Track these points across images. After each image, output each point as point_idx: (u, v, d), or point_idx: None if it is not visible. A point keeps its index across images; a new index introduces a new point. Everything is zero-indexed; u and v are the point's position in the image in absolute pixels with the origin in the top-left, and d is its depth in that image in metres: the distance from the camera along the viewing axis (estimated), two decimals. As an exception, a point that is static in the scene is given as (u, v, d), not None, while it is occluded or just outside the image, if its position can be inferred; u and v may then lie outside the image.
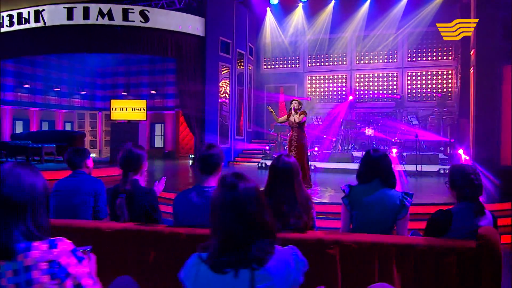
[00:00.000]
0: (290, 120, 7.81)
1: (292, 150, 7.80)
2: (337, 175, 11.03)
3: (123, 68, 19.46)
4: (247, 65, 16.11)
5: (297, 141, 7.76)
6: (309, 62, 16.97)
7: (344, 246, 2.55)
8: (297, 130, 7.78)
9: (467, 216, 2.62)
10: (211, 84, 13.69)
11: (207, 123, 13.56)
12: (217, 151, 2.96)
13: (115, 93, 19.47)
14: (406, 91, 15.62)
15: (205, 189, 2.86)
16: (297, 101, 7.91)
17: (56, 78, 17.15)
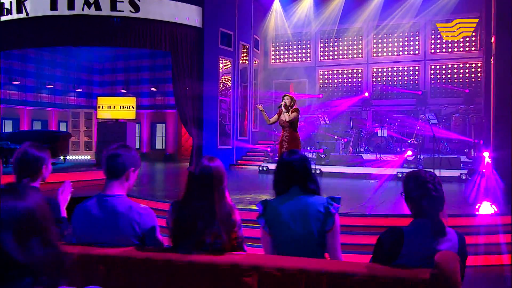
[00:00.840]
0: (281, 118, 7.43)
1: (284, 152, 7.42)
2: (345, 180, 10.55)
3: (122, 64, 19.38)
4: (252, 59, 15.74)
5: (288, 142, 7.35)
6: (321, 55, 16.49)
7: (264, 274, 2.15)
8: (289, 130, 7.39)
9: (422, 237, 2.19)
10: (209, 80, 13.38)
11: (205, 123, 13.26)
12: (127, 152, 2.60)
13: (113, 91, 19.43)
14: (429, 86, 14.96)
15: (107, 198, 2.50)
16: (290, 97, 7.50)
17: (50, 74, 17.17)
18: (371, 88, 15.60)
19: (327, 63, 16.32)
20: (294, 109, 7.42)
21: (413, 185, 2.28)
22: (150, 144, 19.12)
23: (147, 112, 18.95)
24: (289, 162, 2.56)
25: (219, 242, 2.32)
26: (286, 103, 7.41)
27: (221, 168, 2.48)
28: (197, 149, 13.17)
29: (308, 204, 2.46)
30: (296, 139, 7.44)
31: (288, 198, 2.52)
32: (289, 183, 2.55)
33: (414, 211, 2.29)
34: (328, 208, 2.43)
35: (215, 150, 13.75)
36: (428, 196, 2.21)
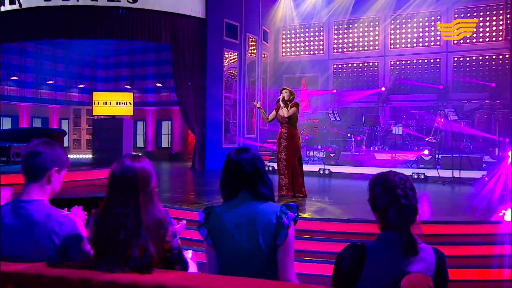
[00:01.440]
0: (279, 114, 7.12)
1: (281, 151, 7.12)
2: (355, 182, 10.14)
3: (127, 59, 19.28)
4: (261, 52, 15.42)
5: (287, 139, 7.05)
6: (335, 48, 16.06)
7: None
8: (287, 127, 7.07)
9: (389, 256, 1.84)
10: (213, 74, 13.11)
11: (208, 120, 13.00)
12: (49, 149, 2.32)
13: (118, 87, 19.34)
14: (451, 80, 14.40)
15: (23, 204, 2.22)
16: (289, 90, 7.19)
17: (50, 69, 17.15)
18: (388, 82, 15.11)
19: (341, 55, 15.88)
20: (293, 104, 7.11)
21: (380, 191, 1.94)
22: (155, 143, 18.97)
23: (152, 109, 18.81)
24: (237, 162, 2.25)
25: (145, 257, 2.02)
26: (285, 97, 7.10)
27: (147, 168, 2.17)
28: (200, 147, 12.93)
29: (257, 212, 2.14)
30: (295, 136, 7.13)
31: (235, 204, 2.21)
32: (238, 186, 2.24)
33: (380, 222, 1.94)
34: (281, 218, 2.11)
35: (220, 148, 13.48)
36: (397, 204, 1.87)
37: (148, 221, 2.06)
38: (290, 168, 6.98)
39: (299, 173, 7.06)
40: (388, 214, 1.87)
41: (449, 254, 4.83)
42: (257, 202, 2.18)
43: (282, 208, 2.14)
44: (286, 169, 7.04)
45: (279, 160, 7.16)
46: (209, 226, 2.19)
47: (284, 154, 7.06)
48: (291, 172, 6.98)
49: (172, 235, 2.14)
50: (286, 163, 7.04)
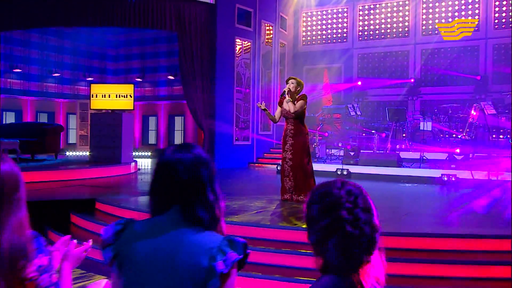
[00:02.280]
0: (283, 108, 6.49)
1: (286, 150, 6.50)
2: (377, 184, 9.43)
3: (138, 50, 18.97)
4: (278, 41, 14.79)
5: (293, 136, 6.42)
6: (360, 36, 15.28)
7: None
8: (293, 122, 6.45)
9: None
10: (224, 65, 12.59)
11: (218, 115, 12.49)
12: None
13: (128, 80, 19.06)
14: (491, 70, 13.43)
15: None
16: (296, 80, 6.55)
17: (56, 61, 16.98)
18: (418, 73, 14.24)
19: (366, 44, 15.08)
20: (300, 96, 6.47)
21: (317, 211, 1.32)
22: (167, 139, 18.60)
23: (165, 103, 18.45)
24: (171, 164, 1.60)
25: None
26: (291, 88, 6.46)
27: (14, 172, 1.61)
28: (208, 144, 12.42)
29: (182, 246, 1.51)
30: (303, 133, 6.49)
31: (157, 227, 1.56)
32: (168, 200, 1.59)
33: (318, 259, 1.33)
34: (215, 259, 1.47)
35: (231, 146, 12.96)
36: (340, 233, 1.25)
37: (9, 240, 1.51)
38: (297, 169, 6.34)
39: (310, 173, 6.40)
40: (326, 248, 1.26)
41: (484, 276, 4.24)
42: (187, 229, 1.53)
43: (222, 245, 1.49)
44: (292, 170, 6.40)
45: (283, 161, 6.52)
46: (118, 249, 1.59)
47: (290, 154, 6.44)
48: (300, 174, 6.34)
49: (39, 270, 1.58)
50: (292, 164, 6.40)
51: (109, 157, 10.62)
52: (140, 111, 18.95)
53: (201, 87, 12.21)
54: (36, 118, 16.35)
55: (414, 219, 5.59)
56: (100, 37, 18.63)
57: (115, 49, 19.20)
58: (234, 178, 10.49)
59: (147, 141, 18.90)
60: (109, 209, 6.27)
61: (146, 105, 18.77)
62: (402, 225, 5.23)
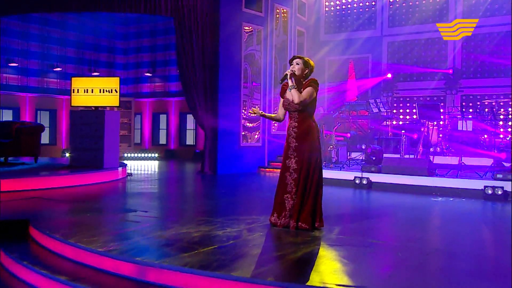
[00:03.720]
0: (286, 97, 4.84)
1: (290, 157, 4.79)
2: (401, 197, 7.71)
3: (148, 42, 17.73)
4: (295, 28, 13.15)
5: (298, 137, 4.76)
6: (390, 22, 13.43)
7: None
8: (298, 118, 4.73)
9: None
10: (229, 55, 11.07)
11: (222, 113, 10.99)
12: None
13: (138, 74, 17.88)
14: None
15: None
16: (302, 59, 4.74)
17: (58, 55, 15.90)
18: (459, 63, 12.31)
19: (397, 30, 13.22)
20: (309, 81, 4.72)
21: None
22: (179, 139, 17.27)
23: (176, 99, 17.12)
24: None
25: None
26: (295, 71, 4.71)
27: None
28: (211, 147, 10.94)
29: None
30: (311, 131, 4.71)
31: None
32: None
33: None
34: None
35: (237, 148, 11.44)
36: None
37: None
38: (305, 184, 4.69)
39: (318, 191, 4.75)
40: None
41: None
42: None
43: None
44: (297, 185, 4.69)
45: (285, 170, 4.76)
46: None
47: (295, 162, 4.72)
48: (307, 191, 4.68)
49: None
50: (298, 176, 4.70)
51: (91, 161, 9.30)
52: (150, 108, 17.70)
53: (203, 81, 10.74)
54: (36, 116, 15.31)
55: (444, 265, 3.85)
56: (108, 29, 17.49)
57: (124, 42, 18.01)
58: (231, 187, 8.96)
59: (157, 141, 17.64)
60: (46, 242, 4.51)
61: (157, 102, 17.52)
62: (420, 279, 3.53)
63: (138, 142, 17.64)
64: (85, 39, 16.71)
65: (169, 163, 15.21)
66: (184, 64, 10.74)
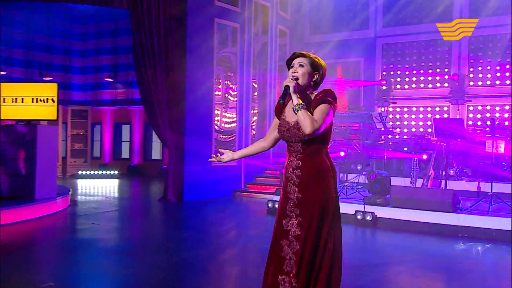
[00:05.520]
0: (284, 119, 2.95)
1: (289, 215, 2.87)
2: (414, 240, 5.99)
3: (109, 43, 15.75)
4: (276, 27, 11.39)
5: (302, 186, 2.83)
6: (385, 21, 11.77)
7: None
8: (303, 152, 2.78)
9: None
10: (198, 58, 9.25)
11: (189, 125, 9.15)
12: None
13: (98, 79, 15.89)
14: None
15: None
16: (309, 58, 2.81)
17: (3, 57, 13.77)
18: (466, 68, 10.72)
19: (393, 31, 11.56)
20: (322, 94, 2.77)
21: None
22: (143, 153, 15.31)
23: (140, 108, 15.14)
24: None
25: None
26: (299, 77, 2.78)
27: None
28: (175, 168, 9.05)
29: None
30: (325, 173, 2.80)
31: None
32: None
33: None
34: None
35: (208, 169, 9.56)
36: None
37: None
38: (313, 260, 2.84)
39: (333, 270, 2.88)
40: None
41: None
42: None
43: None
44: (299, 261, 2.81)
45: (281, 236, 2.79)
46: None
47: (297, 224, 2.79)
48: (315, 270, 2.82)
49: None
50: (302, 248, 2.84)
51: (20, 190, 7.32)
52: (111, 118, 15.70)
53: (166, 85, 8.86)
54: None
55: None
56: (63, 28, 15.47)
57: (82, 42, 16.00)
58: (198, 226, 7.07)
59: (119, 155, 15.63)
60: None
61: (119, 111, 15.53)
62: None
63: (97, 156, 15.61)
64: (35, 39, 14.65)
65: (132, 182, 13.24)
66: (143, 69, 8.85)
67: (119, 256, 5.05)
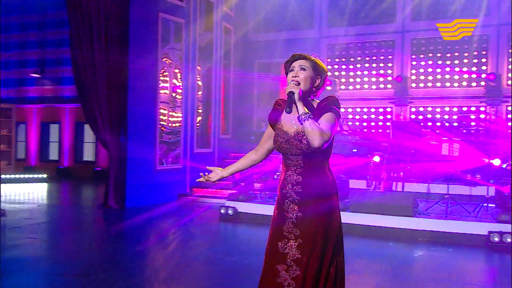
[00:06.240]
0: (281, 129, 2.57)
1: (287, 236, 2.47)
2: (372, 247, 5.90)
3: (36, 36, 14.63)
4: (221, 24, 11.02)
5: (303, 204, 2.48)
6: (330, 22, 11.74)
7: None
8: (304, 166, 2.47)
9: None
10: (142, 54, 8.67)
11: (131, 126, 8.57)
12: None
13: (23, 75, 14.73)
14: (505, 72, 10.32)
15: None
16: (309, 60, 2.50)
17: None
18: (408, 70, 10.92)
19: (337, 32, 11.56)
20: (327, 102, 2.48)
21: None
22: (74, 155, 14.36)
23: (70, 106, 14.22)
24: None
25: None
26: (301, 82, 2.45)
27: None
28: (117, 173, 8.43)
29: None
30: (328, 188, 2.50)
31: None
32: None
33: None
34: None
35: (152, 173, 9.03)
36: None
37: None
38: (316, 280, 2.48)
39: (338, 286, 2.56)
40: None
41: None
42: None
43: None
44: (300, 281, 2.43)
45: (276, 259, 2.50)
46: None
47: (297, 247, 2.45)
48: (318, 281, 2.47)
49: None
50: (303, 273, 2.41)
51: None
52: (38, 117, 14.60)
53: (106, 88, 8.22)
54: None
55: None
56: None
57: (5, 35, 14.71)
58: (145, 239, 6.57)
59: (47, 157, 14.57)
60: None
61: (46, 109, 14.47)
62: None
63: (22, 158, 14.46)
64: None
65: (62, 186, 12.34)
66: (81, 65, 8.15)
67: (71, 279, 4.48)
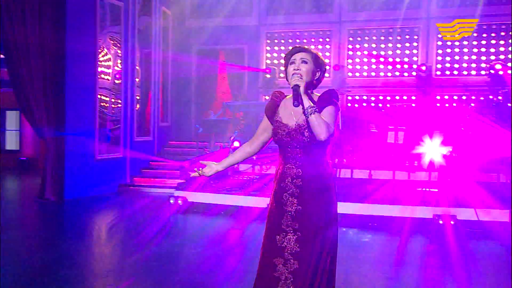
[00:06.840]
0: (280, 121, 2.60)
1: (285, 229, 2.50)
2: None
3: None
4: (159, 11, 10.74)
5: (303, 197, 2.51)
6: (269, 10, 11.80)
7: None
8: (303, 158, 2.52)
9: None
10: (79, 38, 8.26)
11: (70, 114, 8.17)
12: None
13: None
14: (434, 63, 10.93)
15: None
16: (310, 52, 2.58)
17: None
18: (345, 59, 11.27)
19: (276, 20, 11.64)
20: (328, 96, 2.54)
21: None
22: None
23: None
24: None
25: None
26: (303, 75, 2.50)
27: None
28: (54, 163, 8.00)
29: None
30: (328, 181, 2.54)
31: None
32: None
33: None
34: None
35: (91, 162, 8.68)
36: None
37: None
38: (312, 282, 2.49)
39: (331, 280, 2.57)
40: None
41: None
42: None
43: None
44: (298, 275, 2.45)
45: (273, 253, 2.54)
46: None
47: (295, 241, 2.47)
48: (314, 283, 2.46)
49: None
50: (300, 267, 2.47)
51: None
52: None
53: (42, 72, 7.75)
54: None
55: None
56: None
57: None
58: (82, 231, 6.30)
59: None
60: None
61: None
62: None
63: None
64: None
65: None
66: (13, 47, 7.61)
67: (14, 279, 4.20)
